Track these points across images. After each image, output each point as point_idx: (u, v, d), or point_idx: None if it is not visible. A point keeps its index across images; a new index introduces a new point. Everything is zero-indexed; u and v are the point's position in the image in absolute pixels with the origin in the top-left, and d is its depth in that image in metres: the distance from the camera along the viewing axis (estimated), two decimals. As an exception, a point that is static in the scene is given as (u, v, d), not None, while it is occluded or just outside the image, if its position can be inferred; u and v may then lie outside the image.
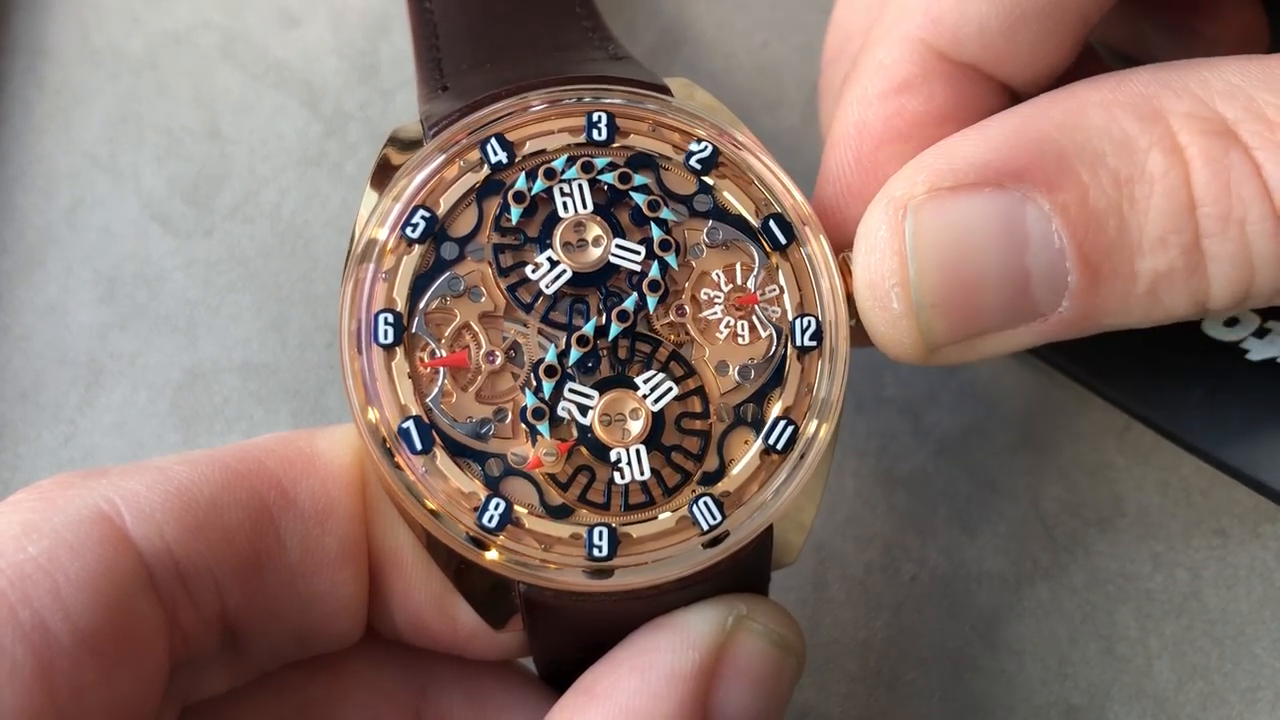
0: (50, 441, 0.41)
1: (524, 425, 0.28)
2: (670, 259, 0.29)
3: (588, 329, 0.29)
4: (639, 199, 0.29)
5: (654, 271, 0.29)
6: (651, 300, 0.29)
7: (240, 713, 0.30)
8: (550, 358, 0.29)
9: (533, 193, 0.29)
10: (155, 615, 0.27)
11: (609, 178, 0.29)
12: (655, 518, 0.28)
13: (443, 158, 0.29)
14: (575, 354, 0.29)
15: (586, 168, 0.29)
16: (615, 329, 0.29)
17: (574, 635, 0.29)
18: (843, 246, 0.30)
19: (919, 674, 0.37)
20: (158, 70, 0.45)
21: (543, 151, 0.30)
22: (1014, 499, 0.39)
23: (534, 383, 0.29)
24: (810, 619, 0.38)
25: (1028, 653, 0.37)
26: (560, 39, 0.33)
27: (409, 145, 0.30)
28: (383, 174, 0.30)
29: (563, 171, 0.29)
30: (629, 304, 0.29)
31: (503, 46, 0.33)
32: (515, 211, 0.29)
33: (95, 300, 0.42)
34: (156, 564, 0.27)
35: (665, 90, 0.31)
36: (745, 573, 0.29)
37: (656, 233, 0.29)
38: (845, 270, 0.29)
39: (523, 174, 0.29)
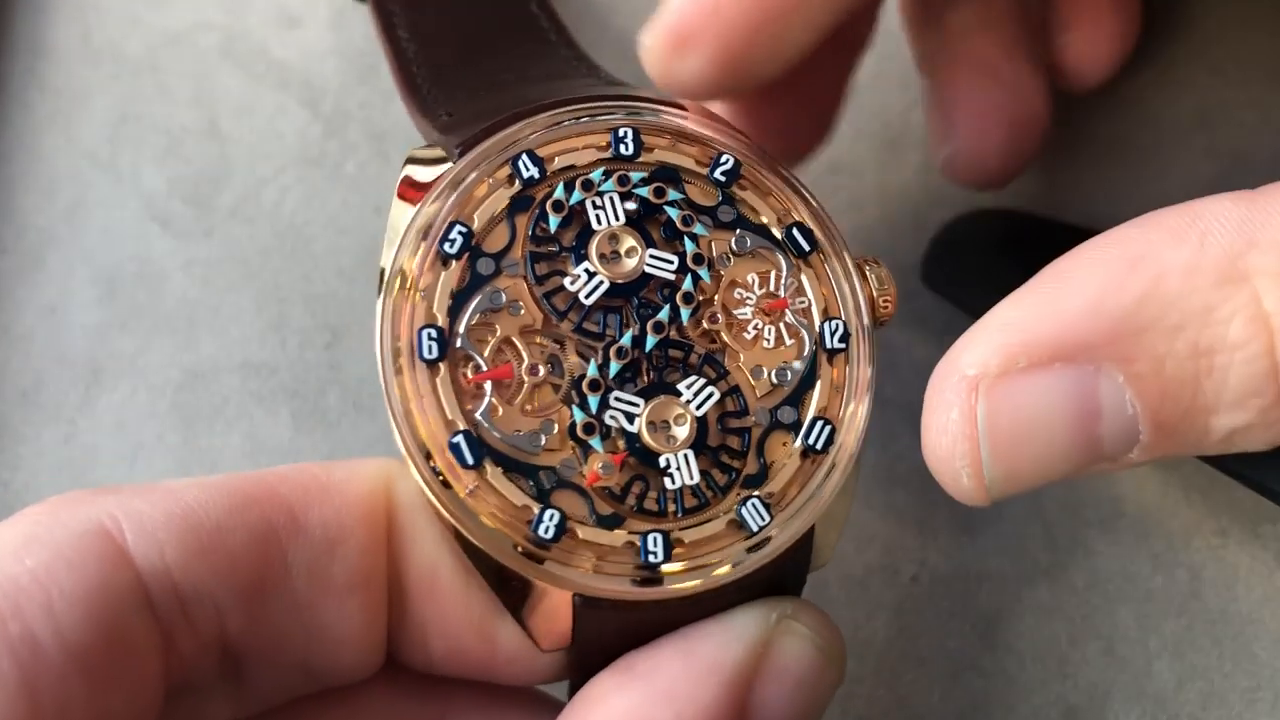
0: (50, 441, 0.41)
1: (572, 441, 0.28)
2: (703, 272, 0.30)
3: (625, 341, 0.29)
4: (672, 213, 0.30)
5: (687, 284, 0.29)
6: (685, 312, 0.29)
7: None
8: (592, 372, 0.29)
9: (570, 203, 0.29)
10: (151, 636, 0.26)
11: (643, 191, 0.30)
12: (710, 520, 0.28)
13: (473, 175, 0.29)
14: (615, 366, 0.29)
15: (622, 181, 0.30)
16: (652, 340, 0.29)
17: (617, 648, 0.28)
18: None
19: (919, 674, 0.37)
20: (158, 70, 0.45)
21: (572, 166, 0.30)
22: (1014, 499, 0.39)
23: (578, 398, 0.29)
24: (810, 619, 0.38)
25: (1028, 653, 0.37)
26: (548, 69, 0.34)
27: (431, 163, 0.30)
28: (409, 191, 0.30)
29: (600, 184, 0.30)
30: (663, 315, 0.29)
31: (494, 75, 0.33)
32: (553, 220, 0.29)
33: (95, 300, 0.42)
34: (155, 584, 0.26)
35: (681, 106, 0.31)
36: (784, 576, 0.29)
37: (690, 246, 0.30)
38: (863, 275, 0.30)
39: (561, 184, 0.29)
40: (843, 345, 0.30)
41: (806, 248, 0.30)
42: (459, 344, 0.28)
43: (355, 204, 0.44)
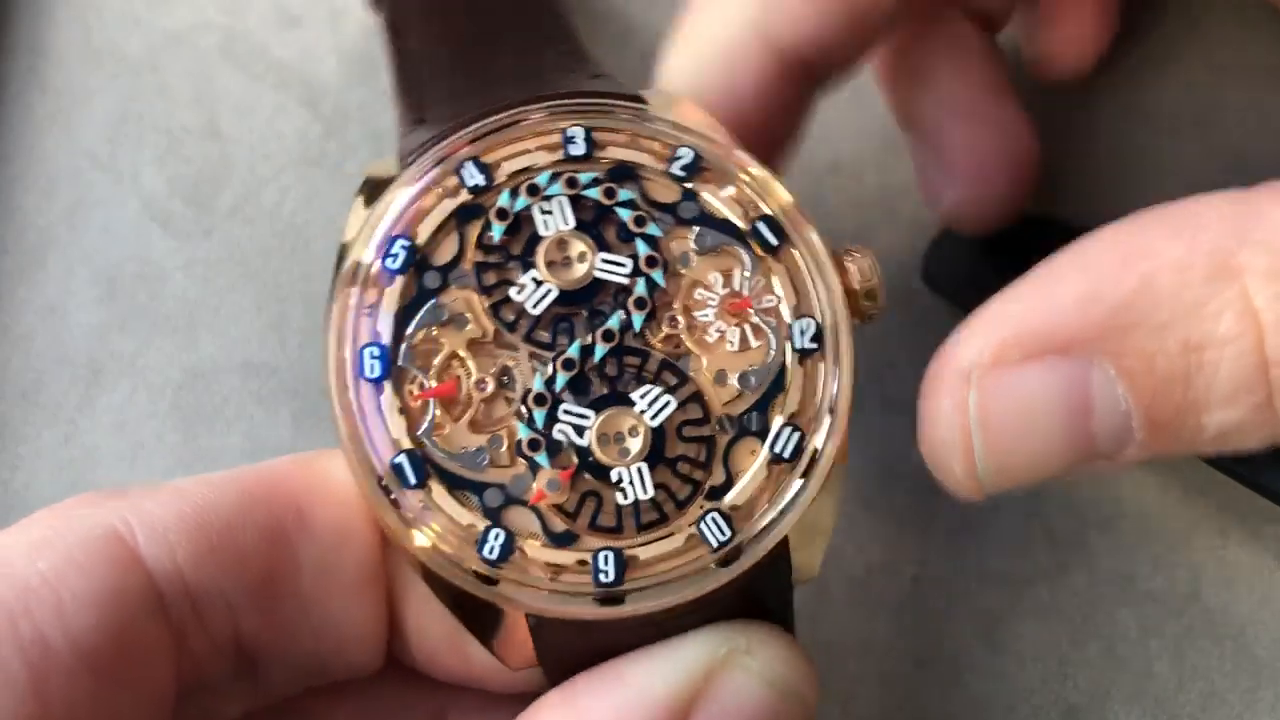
0: (50, 441, 0.41)
1: (520, 457, 0.27)
2: (656, 275, 0.28)
3: (573, 351, 0.28)
4: (624, 214, 0.28)
5: (640, 288, 0.28)
6: (638, 318, 0.28)
7: None
8: (539, 386, 0.27)
9: (516, 210, 0.28)
10: (162, 638, 0.26)
11: (594, 193, 0.28)
12: (668, 536, 0.27)
13: (418, 186, 0.28)
14: (562, 378, 0.28)
15: (571, 183, 0.28)
16: (601, 350, 0.28)
17: (587, 666, 0.27)
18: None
19: (919, 674, 0.37)
20: (158, 70, 0.45)
21: (523, 170, 0.29)
22: (1014, 499, 0.39)
23: (525, 413, 0.27)
24: (810, 619, 0.37)
25: (1028, 653, 0.37)
26: (542, 64, 0.33)
27: (384, 184, 0.29)
28: (359, 212, 0.29)
29: (546, 187, 0.28)
30: (614, 323, 0.28)
31: (482, 76, 0.32)
32: (498, 229, 0.28)
33: (95, 300, 0.42)
34: (167, 586, 0.26)
35: (640, 100, 0.30)
36: (762, 593, 0.28)
37: (643, 249, 0.28)
38: (841, 267, 0.29)
39: (506, 191, 0.28)
40: (815, 345, 0.28)
41: (775, 242, 0.28)
42: (402, 361, 0.27)
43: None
